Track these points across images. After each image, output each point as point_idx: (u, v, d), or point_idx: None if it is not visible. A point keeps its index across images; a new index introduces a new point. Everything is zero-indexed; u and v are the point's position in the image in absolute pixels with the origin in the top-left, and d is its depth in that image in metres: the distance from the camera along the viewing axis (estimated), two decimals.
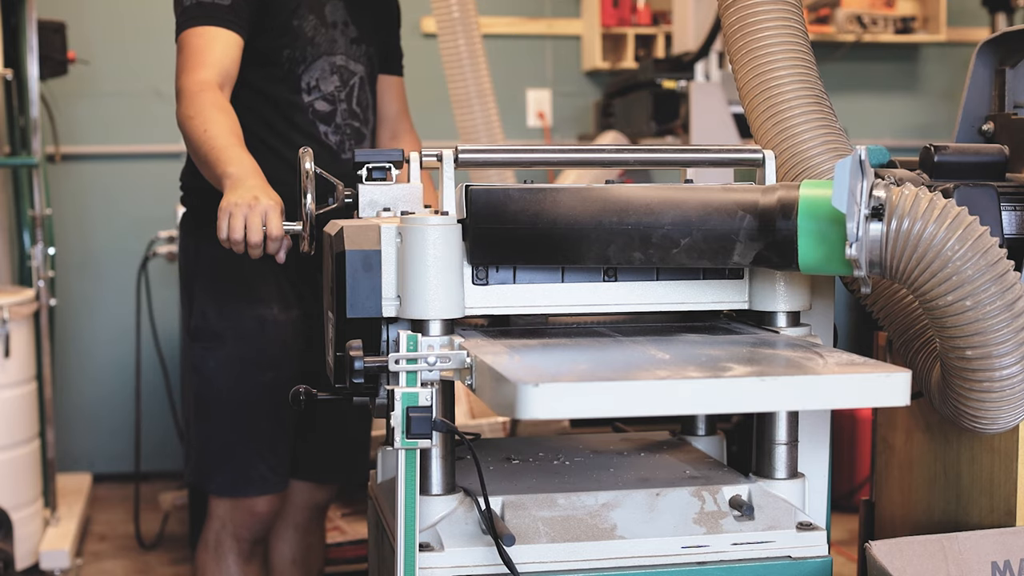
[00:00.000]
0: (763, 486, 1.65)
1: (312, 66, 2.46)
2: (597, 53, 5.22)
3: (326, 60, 2.47)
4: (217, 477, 2.48)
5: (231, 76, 2.35)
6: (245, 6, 2.36)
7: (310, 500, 2.67)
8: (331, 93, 2.49)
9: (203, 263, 2.49)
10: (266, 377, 2.44)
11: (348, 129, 2.52)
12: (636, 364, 1.45)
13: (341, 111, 2.50)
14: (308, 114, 2.47)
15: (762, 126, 1.74)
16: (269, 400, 2.45)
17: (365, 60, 2.56)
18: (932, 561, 1.59)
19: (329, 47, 2.48)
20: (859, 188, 1.41)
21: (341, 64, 2.50)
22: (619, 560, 1.57)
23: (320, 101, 2.47)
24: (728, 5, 1.78)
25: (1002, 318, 1.43)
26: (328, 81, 2.48)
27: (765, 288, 1.66)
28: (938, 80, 5.77)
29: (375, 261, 1.58)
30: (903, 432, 1.97)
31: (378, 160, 1.75)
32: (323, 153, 2.45)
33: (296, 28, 2.43)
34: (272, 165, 2.36)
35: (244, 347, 2.44)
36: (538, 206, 1.57)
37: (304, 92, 2.46)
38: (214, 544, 2.53)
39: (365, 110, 2.57)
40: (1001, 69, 1.89)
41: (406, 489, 1.49)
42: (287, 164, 2.36)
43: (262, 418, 2.45)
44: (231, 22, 2.35)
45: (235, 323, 2.44)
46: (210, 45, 2.32)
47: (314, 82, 2.46)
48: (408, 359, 1.49)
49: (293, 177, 2.24)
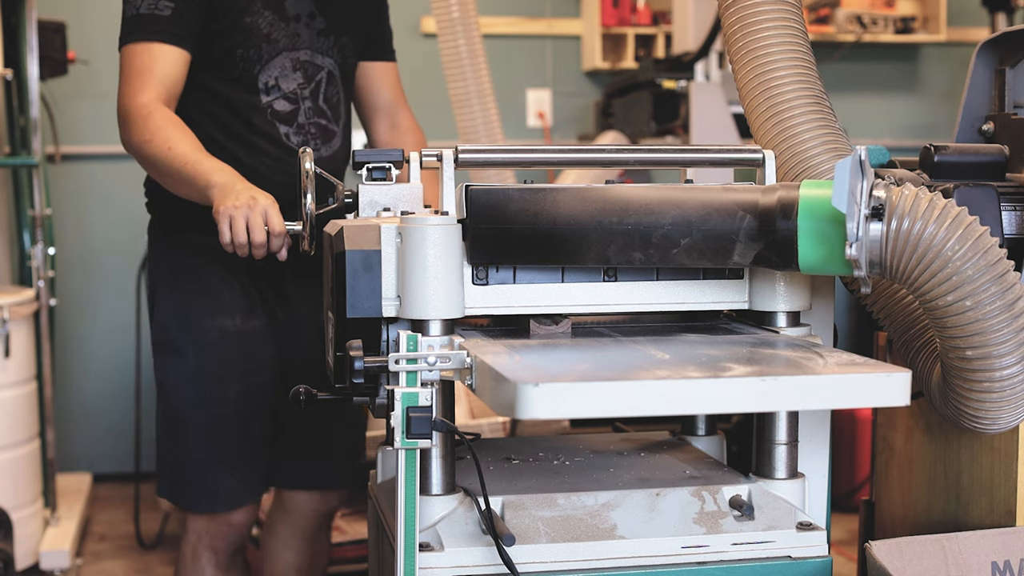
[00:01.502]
0: (763, 486, 1.65)
1: (270, 64, 2.35)
2: (597, 53, 5.22)
3: (287, 56, 2.36)
4: (187, 493, 2.42)
5: (175, 93, 2.29)
6: (187, 13, 2.27)
7: (315, 508, 2.61)
8: (293, 91, 2.37)
9: (163, 273, 2.42)
10: (230, 390, 2.37)
11: (313, 128, 2.40)
12: (636, 364, 1.45)
13: (305, 110, 2.39)
14: (267, 115, 2.36)
15: (762, 126, 1.75)
16: (236, 413, 2.37)
17: (335, 52, 2.44)
18: (932, 561, 1.59)
19: (290, 42, 2.36)
20: (859, 188, 1.41)
21: (305, 59, 2.38)
22: (619, 560, 1.57)
23: (280, 100, 2.36)
24: (728, 5, 1.78)
25: (1002, 318, 1.43)
26: (289, 79, 2.37)
27: (765, 288, 1.66)
28: (938, 80, 5.77)
29: (375, 261, 1.58)
30: (903, 432, 1.97)
31: (378, 160, 1.75)
32: (282, 156, 2.36)
33: (248, 26, 2.32)
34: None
35: (206, 360, 2.36)
36: (538, 206, 1.57)
37: (262, 92, 2.35)
38: (191, 556, 2.47)
39: (335, 106, 2.45)
40: (1001, 69, 1.89)
41: (406, 489, 1.49)
42: (246, 169, 2.28)
43: (230, 432, 2.38)
44: (173, 35, 2.27)
45: (195, 336, 2.36)
46: (151, 64, 2.26)
47: (273, 81, 2.35)
48: (408, 359, 1.49)
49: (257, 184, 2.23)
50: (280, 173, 2.34)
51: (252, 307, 2.40)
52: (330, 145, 2.42)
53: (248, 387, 2.37)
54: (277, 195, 2.24)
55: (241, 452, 2.39)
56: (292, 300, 2.45)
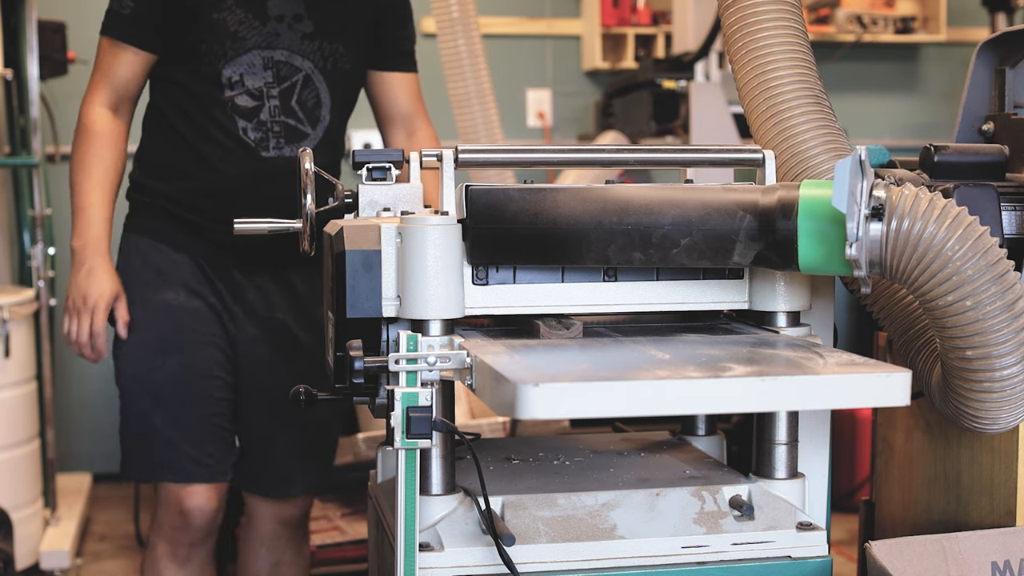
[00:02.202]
0: (763, 486, 1.65)
1: (236, 60, 2.37)
2: (597, 53, 5.22)
3: (257, 54, 2.38)
4: (134, 462, 2.45)
5: (130, 95, 2.43)
6: (147, 11, 2.35)
7: (273, 515, 2.59)
8: (258, 89, 2.39)
9: (124, 251, 2.50)
10: (170, 362, 2.41)
11: (277, 127, 2.41)
12: (636, 364, 1.45)
13: (270, 108, 2.40)
14: (227, 109, 2.39)
15: (762, 126, 1.74)
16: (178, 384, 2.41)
17: (319, 57, 2.44)
18: (932, 561, 1.59)
19: (264, 41, 2.38)
20: (859, 188, 1.41)
21: (281, 59, 2.40)
22: (619, 560, 1.57)
23: (243, 96, 2.39)
24: (728, 5, 1.78)
25: (1002, 318, 1.43)
26: (256, 76, 2.39)
27: (765, 288, 1.65)
28: (938, 80, 5.77)
29: (375, 261, 1.58)
30: (903, 432, 1.97)
31: (378, 160, 1.75)
32: (236, 150, 2.40)
33: (215, 22, 2.35)
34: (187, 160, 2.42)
35: (149, 332, 2.41)
36: (538, 206, 1.57)
37: (225, 87, 2.38)
38: (149, 549, 2.49)
39: (311, 109, 2.44)
40: (1001, 69, 1.89)
41: (406, 489, 1.49)
42: (202, 160, 2.41)
43: (174, 403, 2.41)
44: (134, 36, 2.37)
45: (142, 309, 2.42)
46: (110, 66, 2.40)
47: (237, 76, 2.38)
48: (408, 359, 1.49)
49: (206, 173, 2.42)
50: (232, 165, 2.41)
51: (198, 289, 2.44)
52: (298, 145, 2.43)
53: (194, 361, 2.41)
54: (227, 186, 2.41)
55: (191, 426, 2.41)
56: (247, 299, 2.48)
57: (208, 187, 2.42)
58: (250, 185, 2.40)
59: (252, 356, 2.48)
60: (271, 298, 2.49)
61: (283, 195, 2.35)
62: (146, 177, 2.49)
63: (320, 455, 2.60)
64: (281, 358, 2.48)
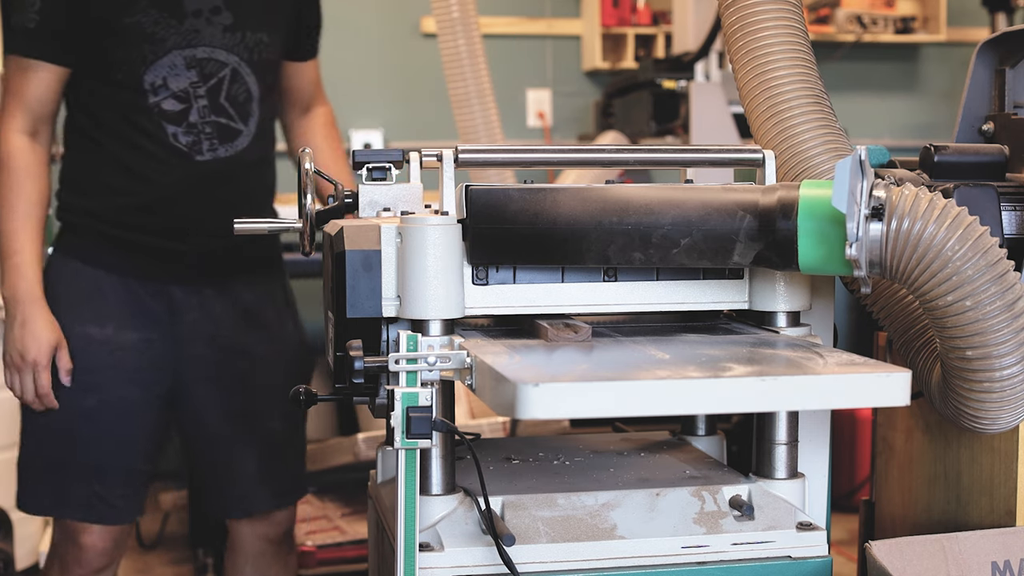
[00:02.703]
0: (763, 486, 1.65)
1: (157, 64, 2.24)
2: (597, 53, 5.22)
3: (178, 55, 2.24)
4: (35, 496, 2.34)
5: (48, 114, 2.27)
6: (55, 23, 2.20)
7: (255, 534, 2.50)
8: (184, 90, 2.26)
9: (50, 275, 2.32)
10: (87, 401, 2.27)
11: (209, 127, 2.29)
12: (636, 364, 1.45)
13: (198, 108, 2.27)
14: (153, 115, 2.26)
15: (762, 126, 1.74)
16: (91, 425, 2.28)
17: (243, 49, 2.31)
18: (932, 561, 1.59)
19: (184, 40, 2.25)
20: (859, 188, 1.41)
21: (204, 56, 2.27)
22: (619, 560, 1.57)
23: (169, 100, 2.26)
24: (728, 5, 1.78)
25: (1002, 318, 1.42)
26: (180, 77, 2.26)
27: (765, 288, 1.65)
28: (938, 80, 5.77)
29: (375, 261, 1.58)
30: (903, 432, 1.97)
31: (378, 160, 1.75)
32: (168, 158, 2.28)
33: (129, 27, 2.21)
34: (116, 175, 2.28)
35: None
36: (538, 206, 1.57)
37: (149, 92, 2.25)
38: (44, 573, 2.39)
39: (242, 104, 2.33)
40: (1001, 69, 1.89)
41: (406, 489, 1.49)
42: (132, 173, 2.27)
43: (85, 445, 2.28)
44: (43, 51, 2.21)
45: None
46: (24, 85, 2.24)
47: (160, 80, 2.25)
48: (408, 359, 1.49)
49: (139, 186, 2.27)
50: (165, 174, 2.29)
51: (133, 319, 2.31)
52: (232, 145, 2.32)
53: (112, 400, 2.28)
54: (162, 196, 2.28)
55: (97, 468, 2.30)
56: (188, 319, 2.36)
57: (142, 201, 2.29)
58: (187, 192, 2.30)
59: (200, 378, 2.37)
60: (214, 312, 2.37)
61: (225, 199, 2.30)
62: (73, 196, 2.34)
63: (288, 466, 2.50)
64: (231, 376, 2.38)
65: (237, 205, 2.28)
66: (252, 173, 2.38)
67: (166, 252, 2.30)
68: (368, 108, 5.21)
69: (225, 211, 2.21)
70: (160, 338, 2.32)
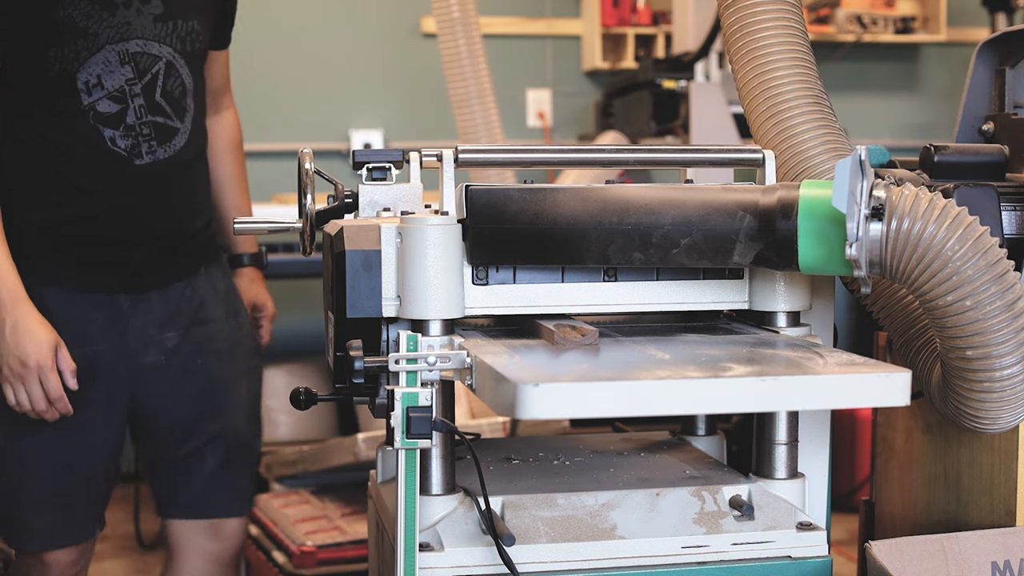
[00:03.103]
0: (763, 486, 1.65)
1: (91, 61, 2.08)
2: (597, 53, 5.22)
3: (111, 50, 2.09)
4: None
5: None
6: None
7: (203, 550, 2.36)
8: (120, 89, 2.12)
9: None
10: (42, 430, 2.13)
11: (146, 128, 2.15)
12: (636, 364, 1.45)
13: (135, 108, 2.13)
14: (89, 119, 2.11)
15: (762, 126, 1.74)
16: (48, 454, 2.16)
17: (176, 39, 2.17)
18: (932, 561, 1.59)
19: (117, 33, 2.10)
20: (859, 188, 1.41)
21: (137, 51, 2.12)
22: (619, 560, 1.57)
23: (105, 101, 2.11)
24: (728, 5, 1.78)
25: (1002, 318, 1.43)
26: (116, 75, 2.11)
27: (765, 288, 1.65)
28: (938, 80, 5.77)
29: (375, 261, 1.58)
30: (903, 432, 1.97)
31: (378, 160, 1.75)
32: (108, 165, 2.13)
33: (61, 20, 2.06)
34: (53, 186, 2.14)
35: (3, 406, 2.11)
36: (538, 206, 1.57)
37: (82, 92, 2.10)
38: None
39: (178, 99, 2.19)
40: (1001, 69, 1.89)
41: (406, 489, 1.49)
42: (69, 183, 2.13)
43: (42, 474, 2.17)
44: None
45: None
46: None
47: (95, 79, 2.10)
48: (408, 359, 1.49)
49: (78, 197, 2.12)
50: (104, 182, 2.15)
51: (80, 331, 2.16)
52: (170, 144, 2.19)
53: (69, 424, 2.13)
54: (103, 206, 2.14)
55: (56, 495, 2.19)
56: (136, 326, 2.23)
57: (81, 211, 2.15)
58: (128, 199, 2.17)
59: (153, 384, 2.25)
60: (162, 316, 2.25)
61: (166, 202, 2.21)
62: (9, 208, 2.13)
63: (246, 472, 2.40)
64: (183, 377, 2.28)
65: (178, 207, 2.23)
66: (190, 172, 2.27)
67: (108, 261, 2.19)
68: (368, 108, 5.21)
69: (167, 214, 2.17)
70: (108, 350, 2.19)
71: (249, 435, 2.40)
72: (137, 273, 2.22)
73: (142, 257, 2.20)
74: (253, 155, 4.99)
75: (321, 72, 5.12)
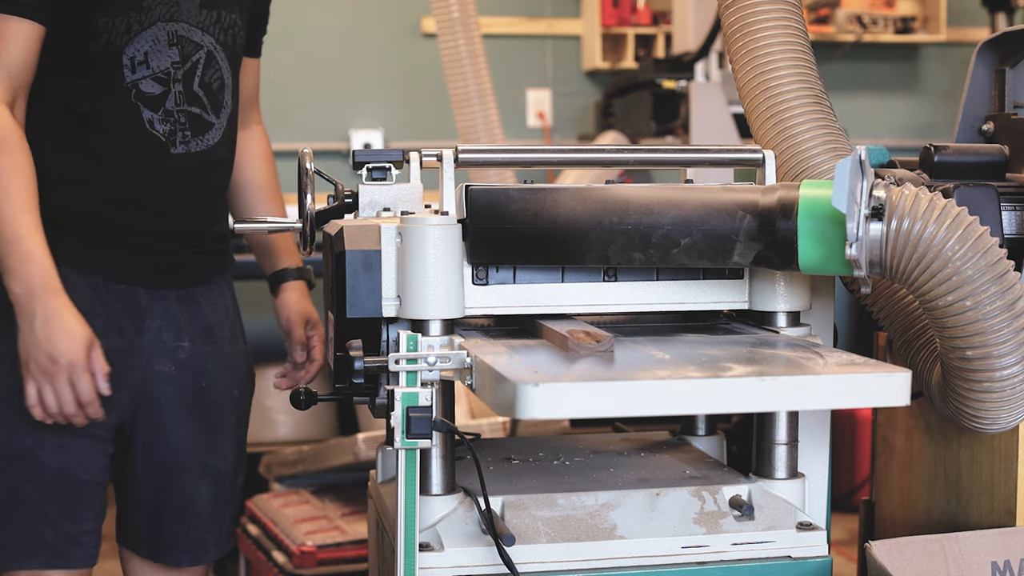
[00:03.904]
0: (763, 486, 1.65)
1: (141, 36, 1.95)
2: (597, 53, 5.22)
3: (162, 28, 1.96)
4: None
5: (26, 83, 1.92)
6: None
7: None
8: (165, 71, 1.97)
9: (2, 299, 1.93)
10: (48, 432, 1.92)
11: (183, 117, 2.01)
12: (636, 364, 1.45)
13: (175, 94, 1.99)
14: (131, 97, 1.96)
15: (762, 126, 1.75)
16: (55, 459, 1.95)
17: (219, 30, 2.04)
18: (932, 561, 1.59)
19: (167, 11, 1.97)
20: (859, 188, 1.41)
21: (183, 34, 1.99)
22: (619, 560, 1.57)
23: (148, 81, 1.96)
24: (728, 5, 1.79)
25: (1002, 318, 1.43)
26: (163, 55, 1.97)
27: (765, 288, 1.65)
28: (938, 80, 5.77)
29: (375, 261, 1.58)
30: (903, 432, 1.97)
31: (378, 160, 1.75)
32: (144, 147, 1.98)
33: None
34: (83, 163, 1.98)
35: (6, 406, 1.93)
36: (538, 206, 1.57)
37: (127, 69, 1.94)
38: None
39: (215, 93, 2.05)
40: (1001, 69, 1.89)
41: (406, 489, 1.49)
42: (101, 162, 1.97)
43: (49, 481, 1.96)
44: (21, 5, 1.87)
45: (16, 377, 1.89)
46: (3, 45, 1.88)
47: (142, 56, 1.95)
48: (408, 359, 1.49)
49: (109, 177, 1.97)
50: (139, 166, 1.99)
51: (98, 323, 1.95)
52: (203, 139, 2.04)
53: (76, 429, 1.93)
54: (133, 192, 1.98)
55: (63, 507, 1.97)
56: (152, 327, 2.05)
57: (112, 194, 1.99)
58: (159, 190, 2.01)
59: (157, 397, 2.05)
60: (178, 321, 2.06)
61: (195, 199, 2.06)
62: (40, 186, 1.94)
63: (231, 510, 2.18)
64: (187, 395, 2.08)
65: (208, 206, 2.11)
66: (219, 174, 2.13)
67: (134, 249, 2.02)
68: (368, 108, 5.21)
69: (197, 211, 2.05)
70: (125, 349, 2.00)
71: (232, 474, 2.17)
72: (157, 268, 2.05)
73: (168, 250, 2.05)
74: None
75: (321, 72, 5.12)
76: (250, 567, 3.43)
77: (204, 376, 2.09)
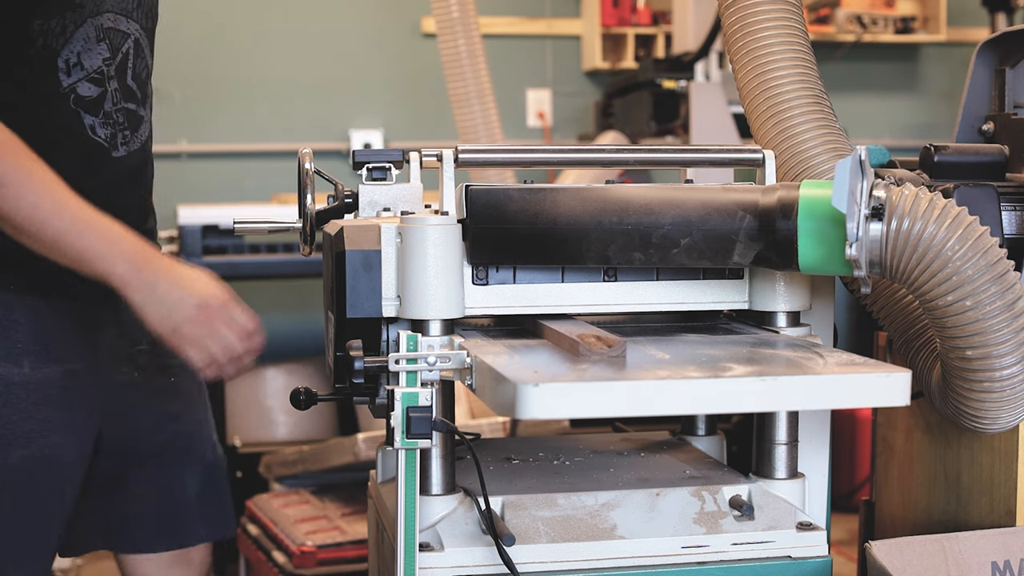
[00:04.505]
0: (763, 486, 1.65)
1: (74, 36, 1.79)
2: (597, 53, 5.22)
3: (91, 24, 1.81)
4: None
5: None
6: None
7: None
8: (98, 70, 1.83)
9: None
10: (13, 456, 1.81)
11: (120, 116, 1.88)
12: (636, 364, 1.45)
13: (112, 92, 1.86)
14: (70, 103, 1.81)
15: (762, 126, 1.75)
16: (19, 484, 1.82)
17: (141, 14, 1.90)
18: (932, 561, 1.59)
19: (93, 5, 1.81)
20: (859, 188, 1.41)
21: (110, 25, 1.84)
22: (619, 560, 1.57)
23: (85, 84, 1.82)
24: (728, 5, 1.79)
25: (1002, 318, 1.43)
26: (94, 53, 1.82)
27: (765, 288, 1.66)
28: (938, 80, 5.77)
29: (375, 261, 1.58)
30: (903, 432, 1.97)
31: (378, 160, 1.75)
32: (89, 156, 1.84)
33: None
34: None
35: None
36: (538, 206, 1.57)
37: (63, 73, 1.80)
38: None
39: (143, 84, 1.92)
40: (1001, 69, 1.89)
41: (406, 489, 1.49)
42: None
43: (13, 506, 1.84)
44: None
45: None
46: None
47: (75, 58, 1.80)
48: (408, 359, 1.49)
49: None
50: (85, 175, 1.81)
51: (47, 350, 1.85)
52: (138, 135, 1.92)
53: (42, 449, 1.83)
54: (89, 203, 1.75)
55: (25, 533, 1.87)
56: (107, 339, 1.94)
57: None
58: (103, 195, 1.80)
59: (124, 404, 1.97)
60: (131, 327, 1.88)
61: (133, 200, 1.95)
62: None
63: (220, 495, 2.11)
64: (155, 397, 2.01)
65: (141, 206, 2.00)
66: (149, 168, 2.01)
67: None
68: (368, 108, 5.21)
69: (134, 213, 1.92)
70: (83, 369, 1.89)
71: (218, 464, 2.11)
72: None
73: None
74: (253, 155, 5.02)
75: (321, 72, 5.12)
76: (250, 567, 3.43)
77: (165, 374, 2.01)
